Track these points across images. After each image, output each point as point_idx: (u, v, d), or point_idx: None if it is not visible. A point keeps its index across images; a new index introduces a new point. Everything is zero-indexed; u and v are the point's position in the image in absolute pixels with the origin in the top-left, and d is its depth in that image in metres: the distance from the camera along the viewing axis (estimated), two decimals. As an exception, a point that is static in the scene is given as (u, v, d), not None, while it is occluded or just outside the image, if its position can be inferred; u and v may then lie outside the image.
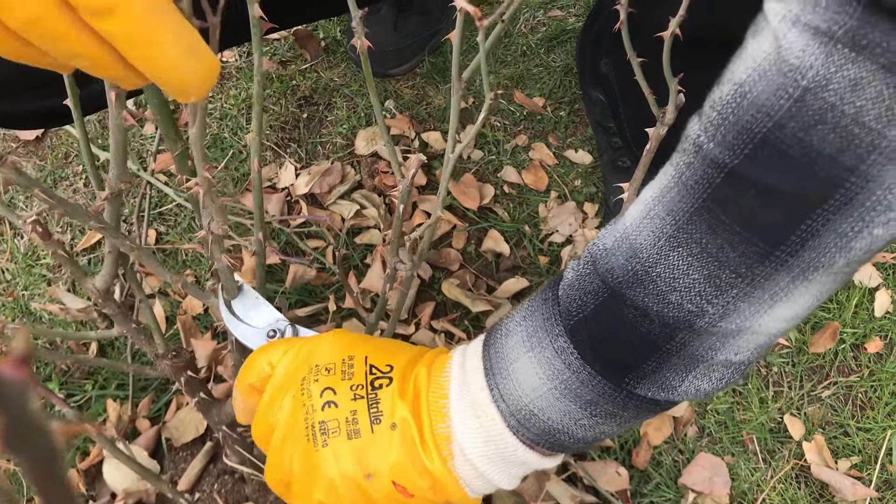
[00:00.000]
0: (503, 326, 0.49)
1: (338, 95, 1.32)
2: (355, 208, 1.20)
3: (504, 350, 0.47)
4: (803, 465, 1.01)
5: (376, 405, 0.50)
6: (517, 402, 0.46)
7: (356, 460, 0.49)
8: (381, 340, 0.57)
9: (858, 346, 1.10)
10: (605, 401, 0.45)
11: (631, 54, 0.67)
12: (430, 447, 0.48)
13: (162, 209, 1.22)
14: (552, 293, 0.47)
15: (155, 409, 1.07)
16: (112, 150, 0.64)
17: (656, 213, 0.41)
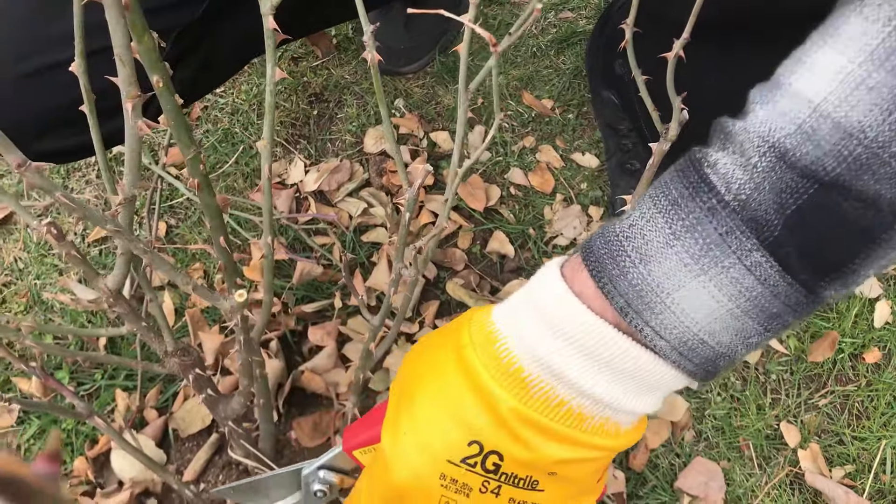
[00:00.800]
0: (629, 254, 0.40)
1: (348, 93, 1.33)
2: (363, 206, 1.22)
3: (650, 280, 0.39)
4: (798, 473, 1.03)
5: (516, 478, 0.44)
6: (682, 335, 0.39)
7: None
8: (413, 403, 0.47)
9: (857, 356, 1.11)
10: (790, 311, 0.39)
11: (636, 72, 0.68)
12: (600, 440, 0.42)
13: (173, 202, 1.23)
14: (716, 201, 0.38)
15: (163, 400, 1.09)
16: (127, 157, 0.66)
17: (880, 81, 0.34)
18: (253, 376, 0.83)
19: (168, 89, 0.57)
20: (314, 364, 1.08)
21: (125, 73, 0.58)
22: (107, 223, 0.66)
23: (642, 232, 0.40)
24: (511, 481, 0.43)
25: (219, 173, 1.25)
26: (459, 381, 0.43)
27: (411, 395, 0.46)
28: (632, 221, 0.41)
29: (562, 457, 0.42)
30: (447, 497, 0.44)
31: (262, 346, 1.10)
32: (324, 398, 1.08)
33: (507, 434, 0.42)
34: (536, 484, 0.43)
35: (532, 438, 0.41)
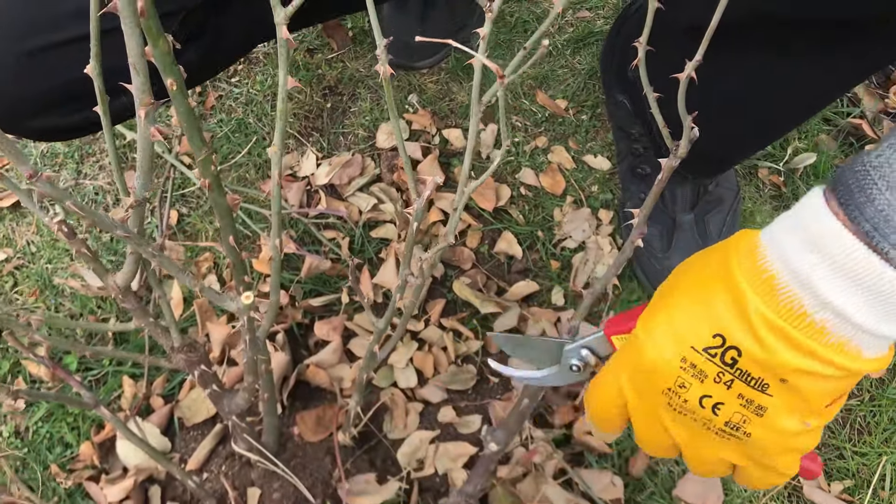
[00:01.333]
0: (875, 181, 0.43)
1: (362, 87, 1.33)
2: (373, 202, 1.22)
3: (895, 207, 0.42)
4: (796, 486, 1.03)
5: (749, 376, 0.47)
6: None
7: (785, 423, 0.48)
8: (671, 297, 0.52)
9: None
10: None
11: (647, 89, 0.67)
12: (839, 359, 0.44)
13: (185, 191, 1.24)
14: None
15: (169, 388, 1.11)
16: (139, 161, 0.66)
17: None
18: (258, 373, 0.84)
19: (182, 92, 0.57)
20: (319, 358, 1.09)
21: (139, 82, 0.58)
22: (117, 228, 0.67)
23: (889, 161, 0.42)
24: (744, 378, 0.47)
25: (231, 163, 1.26)
26: (716, 282, 0.48)
27: (671, 291, 0.52)
28: (879, 152, 0.43)
29: (796, 365, 0.44)
30: (683, 379, 0.49)
31: (269, 339, 1.11)
32: (328, 392, 1.09)
33: (749, 333, 0.45)
34: (766, 387, 0.46)
35: (771, 341, 0.44)
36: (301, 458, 1.03)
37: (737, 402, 0.48)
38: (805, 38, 0.78)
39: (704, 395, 0.49)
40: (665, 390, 0.51)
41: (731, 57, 0.84)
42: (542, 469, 1.03)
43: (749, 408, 0.48)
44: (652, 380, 0.51)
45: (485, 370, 1.11)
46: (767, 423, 0.48)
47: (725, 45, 0.71)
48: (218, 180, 0.70)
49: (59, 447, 1.06)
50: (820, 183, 1.23)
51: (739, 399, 0.48)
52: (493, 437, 0.87)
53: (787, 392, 0.46)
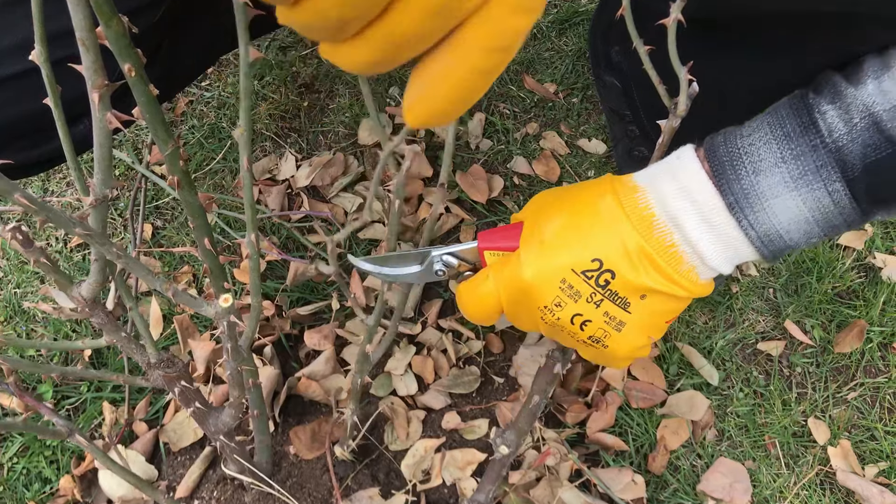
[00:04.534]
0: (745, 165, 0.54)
1: (340, 83, 1.27)
2: (358, 201, 1.16)
3: (757, 188, 0.53)
4: (828, 472, 0.97)
5: (616, 296, 0.55)
6: (768, 230, 0.53)
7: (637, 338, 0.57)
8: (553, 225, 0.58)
9: (886, 346, 1.05)
10: (846, 225, 0.54)
11: (637, 42, 0.63)
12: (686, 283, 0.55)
13: (158, 202, 1.17)
14: (819, 141, 0.52)
15: (153, 412, 1.03)
16: (96, 155, 0.59)
17: None
18: (244, 386, 0.77)
19: (141, 78, 0.50)
20: (311, 370, 1.02)
21: (89, 60, 0.51)
22: (75, 226, 0.60)
23: (758, 151, 0.53)
24: (612, 298, 0.55)
25: (206, 170, 1.19)
26: (599, 214, 0.55)
27: (551, 216, 0.58)
28: (751, 140, 0.54)
29: (656, 286, 0.54)
30: (560, 298, 0.56)
31: (255, 353, 1.04)
32: (322, 405, 1.02)
33: (626, 260, 0.54)
34: (628, 305, 0.55)
35: (643, 267, 0.54)
36: (297, 478, 0.96)
37: (602, 319, 0.57)
38: (778, 32, 0.81)
39: (576, 313, 0.57)
40: (542, 307, 0.57)
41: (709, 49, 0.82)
42: (556, 472, 0.97)
43: (611, 324, 0.57)
44: (531, 298, 0.58)
45: (488, 371, 1.05)
46: (623, 338, 0.57)
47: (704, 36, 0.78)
48: (188, 177, 0.63)
49: (38, 483, 0.98)
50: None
51: (605, 316, 0.56)
52: (503, 440, 0.81)
53: (643, 309, 0.56)
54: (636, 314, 0.56)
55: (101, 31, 0.46)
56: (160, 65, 0.85)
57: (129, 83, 0.49)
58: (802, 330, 1.05)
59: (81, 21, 0.48)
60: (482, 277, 0.63)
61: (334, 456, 0.95)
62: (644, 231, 0.54)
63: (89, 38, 0.49)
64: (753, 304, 1.08)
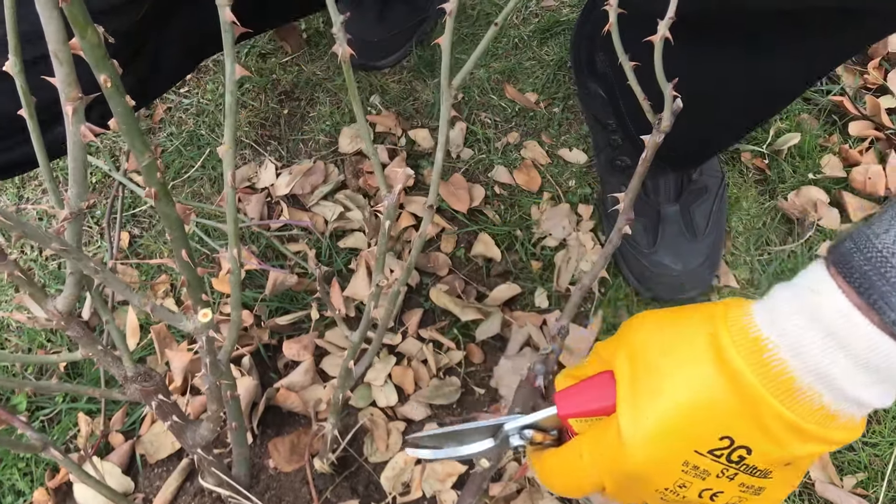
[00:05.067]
0: None
1: (320, 90, 1.26)
2: (339, 210, 1.15)
3: None
4: (807, 482, 0.97)
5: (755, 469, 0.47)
6: None
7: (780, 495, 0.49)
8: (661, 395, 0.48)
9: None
10: None
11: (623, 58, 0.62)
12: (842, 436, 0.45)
13: (136, 210, 1.16)
14: None
15: (129, 423, 1.02)
16: (71, 168, 0.58)
17: None
18: (222, 400, 0.76)
19: (117, 90, 0.50)
20: (290, 381, 1.01)
21: (63, 73, 0.50)
22: (51, 241, 0.59)
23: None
24: (749, 471, 0.46)
25: (184, 178, 1.18)
26: (720, 380, 0.45)
27: (653, 374, 0.48)
28: (888, 233, 0.42)
29: (806, 452, 0.44)
30: (683, 480, 0.47)
31: (234, 363, 1.03)
32: (301, 417, 1.01)
33: (763, 435, 0.44)
34: (769, 473, 0.46)
35: (788, 440, 0.44)
36: (276, 490, 0.95)
37: (737, 490, 0.48)
38: (774, 29, 0.77)
39: (704, 489, 0.48)
40: (661, 489, 0.49)
41: (703, 48, 0.81)
42: (536, 484, 0.96)
43: (748, 491, 0.48)
44: (646, 482, 0.49)
45: (469, 382, 1.04)
46: (764, 499, 0.48)
47: (698, 36, 0.73)
48: (165, 189, 0.62)
49: (11, 496, 0.96)
50: (805, 163, 1.18)
51: (740, 487, 0.48)
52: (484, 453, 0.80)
53: (788, 470, 0.47)
54: (778, 476, 0.47)
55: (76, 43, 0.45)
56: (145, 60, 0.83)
57: (104, 94, 0.49)
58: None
59: (54, 34, 0.47)
60: (574, 454, 0.54)
61: (313, 468, 0.95)
62: (785, 399, 0.44)
63: (62, 50, 0.48)
64: (733, 314, 1.08)
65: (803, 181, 1.17)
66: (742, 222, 1.15)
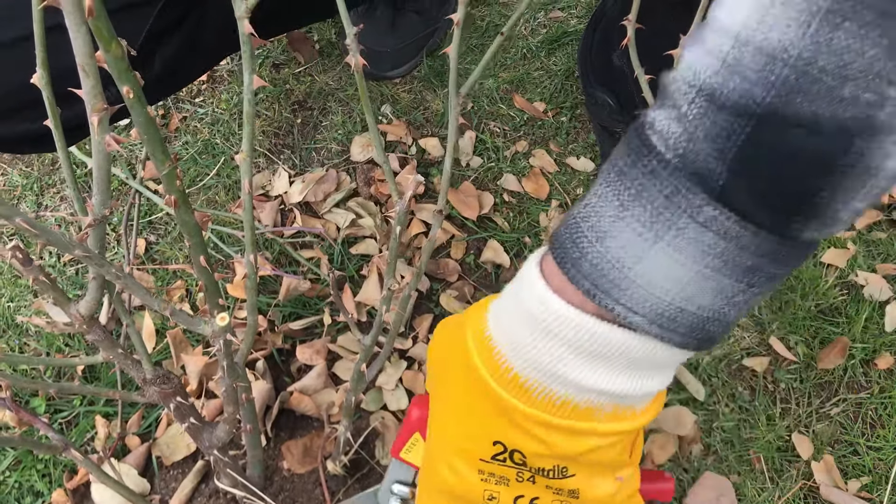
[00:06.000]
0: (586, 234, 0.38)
1: (332, 100, 1.28)
2: (351, 217, 1.17)
3: (609, 257, 0.37)
4: (812, 486, 0.99)
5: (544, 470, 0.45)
6: (656, 306, 0.37)
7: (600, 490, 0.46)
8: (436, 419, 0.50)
9: (868, 362, 1.07)
10: (768, 261, 0.37)
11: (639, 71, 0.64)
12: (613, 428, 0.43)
13: (152, 217, 1.18)
14: (657, 162, 0.36)
15: (145, 426, 1.04)
16: (95, 176, 0.61)
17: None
18: (238, 402, 0.78)
19: (140, 101, 0.52)
20: (303, 384, 1.03)
21: (90, 85, 0.53)
22: (75, 248, 0.62)
23: (595, 209, 0.38)
24: (541, 472, 0.45)
25: (199, 186, 1.20)
26: (473, 389, 0.45)
27: (435, 398, 0.50)
28: (586, 201, 0.39)
29: (582, 448, 0.42)
30: (490, 490, 0.47)
31: (248, 367, 1.05)
32: (314, 420, 1.03)
33: (522, 434, 0.43)
34: (566, 470, 0.44)
35: (547, 436, 0.42)
36: (290, 492, 0.97)
37: (550, 494, 0.46)
38: None
39: (517, 496, 0.47)
40: None
41: None
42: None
43: (562, 494, 0.46)
44: (464, 500, 0.48)
45: (478, 386, 1.06)
46: (587, 499, 0.46)
47: None
48: (185, 196, 0.65)
49: (30, 497, 0.99)
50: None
51: (550, 490, 0.46)
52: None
53: (587, 466, 0.44)
54: (582, 473, 0.45)
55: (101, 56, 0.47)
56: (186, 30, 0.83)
57: (127, 105, 0.51)
58: (787, 346, 1.07)
59: (82, 47, 0.49)
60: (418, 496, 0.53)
61: (326, 470, 0.97)
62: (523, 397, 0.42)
63: (89, 63, 0.50)
64: (739, 320, 1.10)
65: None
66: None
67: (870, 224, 1.16)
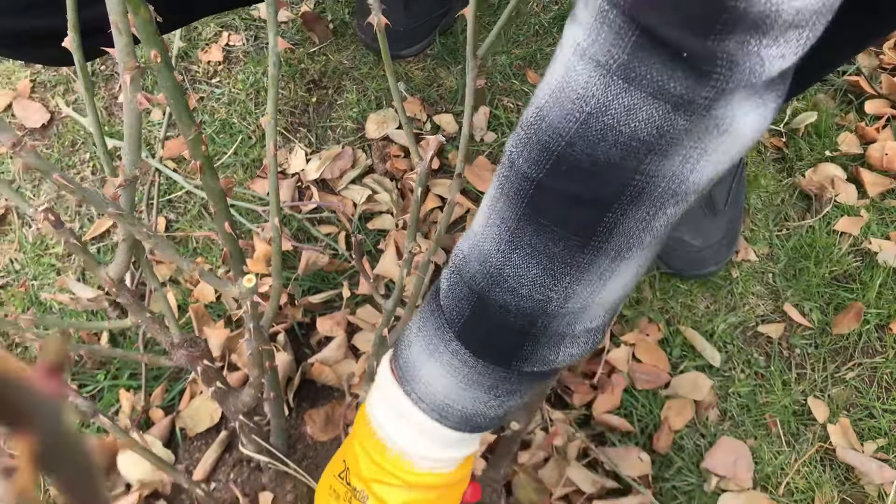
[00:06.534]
0: (404, 338, 0.56)
1: (347, 78, 1.30)
2: (367, 193, 1.18)
3: (410, 359, 0.54)
4: (828, 448, 1.00)
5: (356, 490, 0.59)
6: (433, 399, 0.53)
7: None
8: None
9: (883, 327, 1.08)
10: (503, 383, 0.52)
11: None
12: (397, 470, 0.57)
13: (171, 196, 1.20)
14: (436, 304, 0.53)
15: (168, 399, 1.06)
16: (126, 134, 0.62)
17: (493, 220, 0.48)
18: (263, 367, 0.80)
19: (167, 65, 0.53)
20: (324, 356, 1.05)
21: (122, 42, 0.54)
22: (108, 206, 0.63)
23: (411, 323, 0.56)
24: (353, 493, 0.59)
25: (218, 165, 1.22)
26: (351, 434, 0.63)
27: None
28: (417, 313, 0.57)
29: (371, 476, 0.57)
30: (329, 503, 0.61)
31: (270, 338, 1.07)
32: (335, 390, 1.05)
33: (352, 454, 0.60)
34: (366, 499, 0.58)
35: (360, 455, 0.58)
36: (313, 459, 0.99)
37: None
38: None
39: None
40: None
41: None
42: (564, 452, 0.99)
43: None
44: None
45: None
46: None
47: None
48: (210, 162, 0.66)
49: (58, 467, 1.01)
50: (822, 141, 1.21)
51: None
52: (514, 416, 0.84)
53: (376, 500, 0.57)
54: None
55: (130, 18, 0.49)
56: None
57: (154, 69, 0.52)
58: (801, 313, 1.08)
59: (116, 5, 0.51)
60: None
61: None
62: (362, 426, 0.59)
63: (122, 21, 0.52)
64: (753, 288, 1.11)
65: (820, 158, 1.19)
66: (760, 199, 1.18)
67: (882, 192, 1.17)
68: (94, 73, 1.32)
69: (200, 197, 1.19)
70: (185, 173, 1.20)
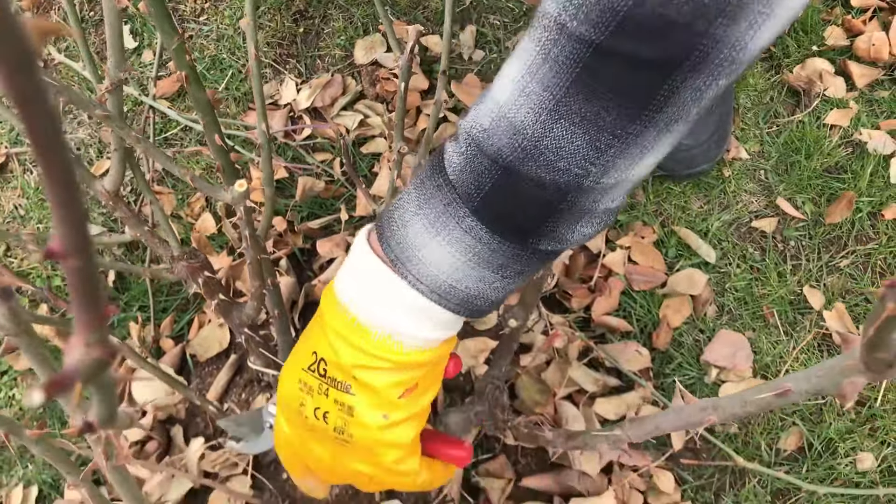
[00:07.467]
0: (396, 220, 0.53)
1: (333, 7, 1.30)
2: (359, 118, 1.19)
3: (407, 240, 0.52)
4: (825, 334, 1.02)
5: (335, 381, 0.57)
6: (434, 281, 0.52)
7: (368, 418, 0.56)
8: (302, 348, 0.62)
9: (875, 215, 1.09)
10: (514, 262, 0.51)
11: None
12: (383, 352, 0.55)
13: (167, 134, 1.21)
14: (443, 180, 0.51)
15: (178, 329, 1.09)
16: (108, 36, 0.63)
17: (532, 89, 0.45)
18: (263, 277, 0.82)
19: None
20: (326, 276, 1.07)
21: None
22: (96, 108, 0.65)
23: (403, 202, 0.53)
24: (333, 384, 0.56)
25: (210, 100, 1.23)
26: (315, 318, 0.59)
27: None
28: (401, 195, 0.54)
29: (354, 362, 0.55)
30: (301, 398, 0.58)
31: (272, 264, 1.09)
32: (339, 309, 1.07)
33: (327, 344, 0.56)
34: (349, 388, 0.56)
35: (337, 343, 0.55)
36: (321, 373, 1.01)
37: (336, 408, 0.56)
38: None
39: (316, 407, 0.57)
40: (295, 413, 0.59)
41: None
42: (565, 354, 1.01)
43: (343, 410, 0.56)
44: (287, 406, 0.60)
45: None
46: (357, 422, 0.56)
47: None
48: (195, 72, 0.67)
49: (75, 398, 1.04)
50: (809, 37, 1.20)
51: (336, 404, 0.56)
52: (512, 314, 0.85)
53: (363, 389, 0.55)
54: (359, 395, 0.56)
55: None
56: None
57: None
58: (794, 206, 1.09)
59: None
60: None
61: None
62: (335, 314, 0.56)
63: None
64: (746, 185, 1.12)
65: (808, 54, 1.19)
66: (750, 98, 1.18)
67: (871, 83, 1.17)
68: (84, 19, 1.32)
69: (197, 133, 1.20)
70: (178, 111, 1.21)
